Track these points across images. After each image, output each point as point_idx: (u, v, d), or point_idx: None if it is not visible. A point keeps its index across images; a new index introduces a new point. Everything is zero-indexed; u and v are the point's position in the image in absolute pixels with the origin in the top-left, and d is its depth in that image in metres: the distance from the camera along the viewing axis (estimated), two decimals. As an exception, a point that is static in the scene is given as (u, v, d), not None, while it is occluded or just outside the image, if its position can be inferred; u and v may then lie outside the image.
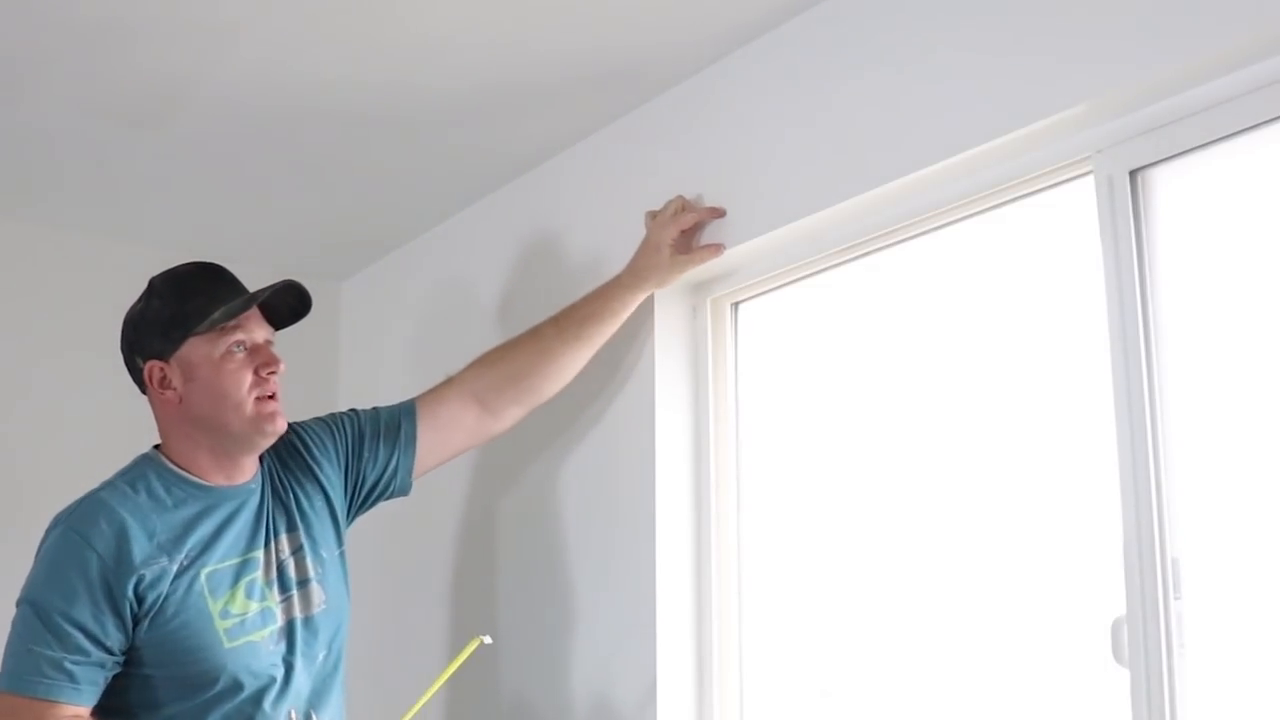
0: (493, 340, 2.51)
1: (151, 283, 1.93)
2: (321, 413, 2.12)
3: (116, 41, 2.06)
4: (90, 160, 2.53)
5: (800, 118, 1.98)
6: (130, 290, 2.03)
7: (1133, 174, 1.62)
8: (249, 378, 1.86)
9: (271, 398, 1.88)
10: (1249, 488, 1.51)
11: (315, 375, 3.04)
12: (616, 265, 2.30)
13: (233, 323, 1.85)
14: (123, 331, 1.92)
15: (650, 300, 2.21)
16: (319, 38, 2.06)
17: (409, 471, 2.08)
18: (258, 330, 1.89)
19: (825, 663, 2.03)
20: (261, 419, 1.87)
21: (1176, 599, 1.53)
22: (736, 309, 2.25)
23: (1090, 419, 1.65)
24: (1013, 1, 1.68)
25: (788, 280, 2.14)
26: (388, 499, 2.10)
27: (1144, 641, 1.53)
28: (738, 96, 2.10)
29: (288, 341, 2.12)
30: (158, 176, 2.62)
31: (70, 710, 1.74)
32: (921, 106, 1.78)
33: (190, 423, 1.87)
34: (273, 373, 1.88)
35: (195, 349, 1.85)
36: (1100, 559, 1.62)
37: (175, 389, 1.86)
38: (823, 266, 2.08)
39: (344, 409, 2.15)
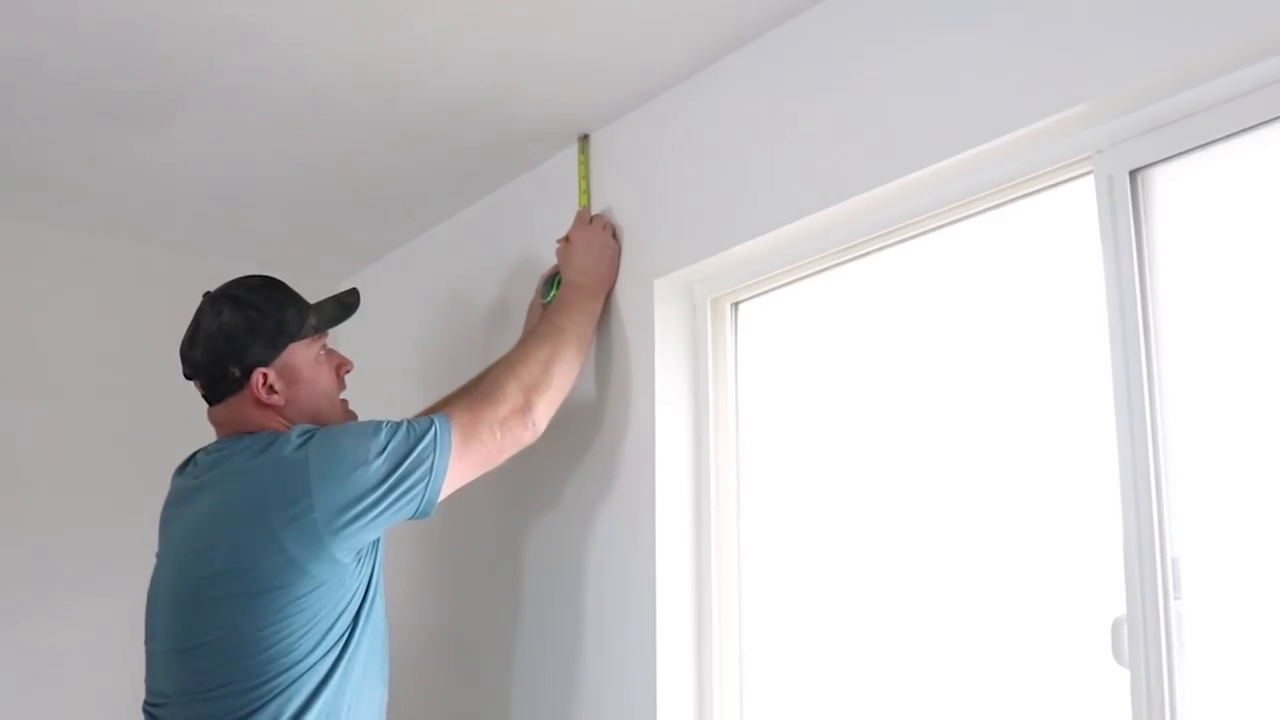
0: (492, 340, 2.52)
1: (230, 297, 2.01)
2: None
3: (116, 41, 2.06)
4: (90, 160, 2.53)
5: (800, 118, 1.98)
6: (132, 290, 2.03)
7: (1133, 174, 1.62)
8: (334, 377, 2.06)
9: (343, 400, 2.10)
10: (1249, 488, 1.51)
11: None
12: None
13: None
14: (209, 344, 1.98)
15: (650, 300, 2.21)
16: (319, 38, 2.06)
17: None
18: (328, 335, 2.09)
19: (825, 662, 2.02)
20: (347, 416, 2.08)
21: (1176, 599, 1.53)
22: (736, 309, 2.25)
23: (1090, 419, 1.65)
24: (1013, 2, 1.68)
25: (788, 280, 2.14)
26: None
27: (1144, 641, 1.53)
28: (738, 97, 2.10)
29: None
30: (158, 176, 2.62)
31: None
32: (921, 106, 1.78)
33: (290, 423, 1.98)
34: (349, 371, 2.11)
35: (295, 354, 2.00)
36: (1100, 559, 1.62)
37: (279, 392, 1.98)
38: (823, 266, 2.08)
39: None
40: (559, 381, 2.09)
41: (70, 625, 2.75)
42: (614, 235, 2.29)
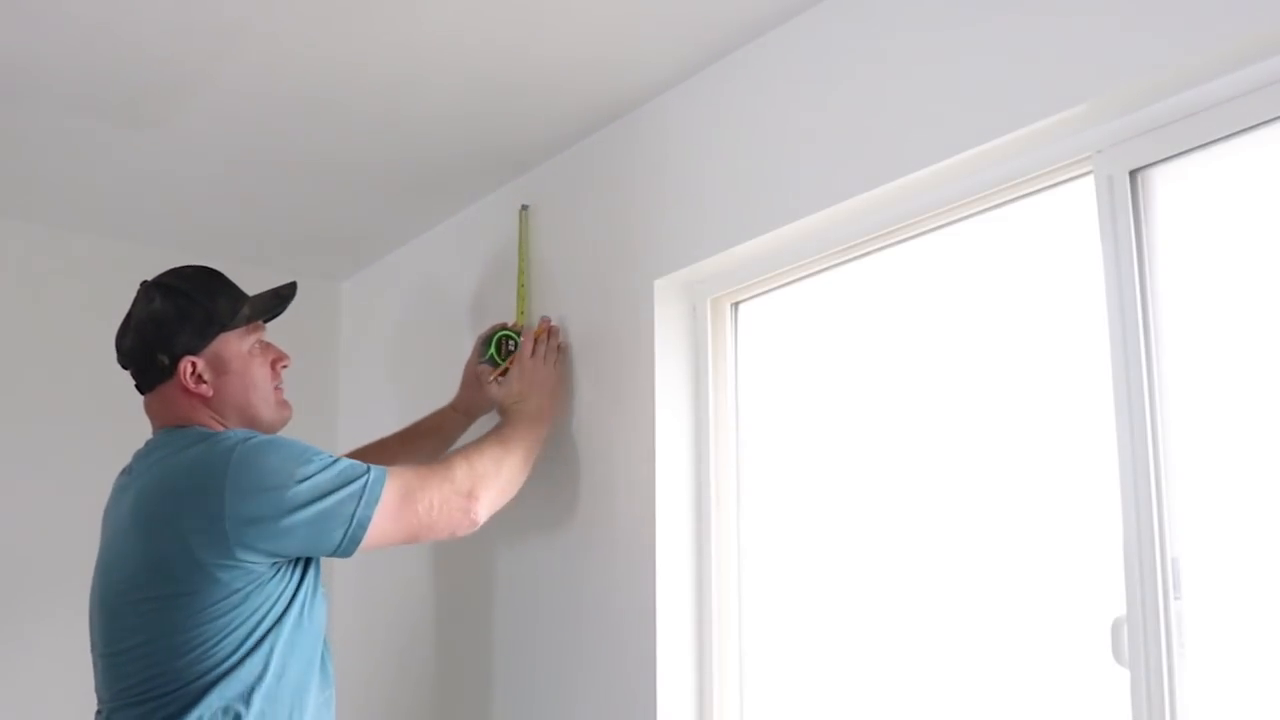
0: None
1: (162, 285, 2.00)
2: (321, 412, 2.14)
3: (116, 41, 2.06)
4: (89, 160, 2.53)
5: (800, 118, 1.98)
6: (130, 290, 2.03)
7: (1133, 174, 1.62)
8: (268, 371, 2.02)
9: (278, 388, 2.05)
10: (1249, 488, 1.51)
11: (315, 375, 3.04)
12: (616, 263, 2.31)
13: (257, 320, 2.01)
14: (136, 331, 1.98)
15: (650, 300, 2.21)
16: (319, 38, 2.06)
17: None
18: (264, 327, 2.05)
19: (825, 662, 2.02)
20: (281, 409, 2.04)
21: (1176, 599, 1.53)
22: (736, 309, 2.25)
23: (1090, 419, 1.65)
24: (1013, 2, 1.68)
25: (788, 280, 2.14)
26: None
27: (1144, 641, 1.53)
28: (738, 97, 2.10)
29: (288, 341, 2.13)
30: (158, 176, 2.62)
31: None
32: (922, 106, 1.78)
33: (220, 414, 1.97)
34: (285, 366, 2.06)
35: (227, 345, 1.97)
36: (1100, 559, 1.62)
37: (207, 382, 1.95)
38: (823, 266, 2.08)
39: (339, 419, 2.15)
40: (505, 482, 2.08)
41: (49, 630, 2.73)
42: (556, 363, 2.33)
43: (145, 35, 2.05)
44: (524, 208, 2.52)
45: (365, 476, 1.87)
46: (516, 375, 2.30)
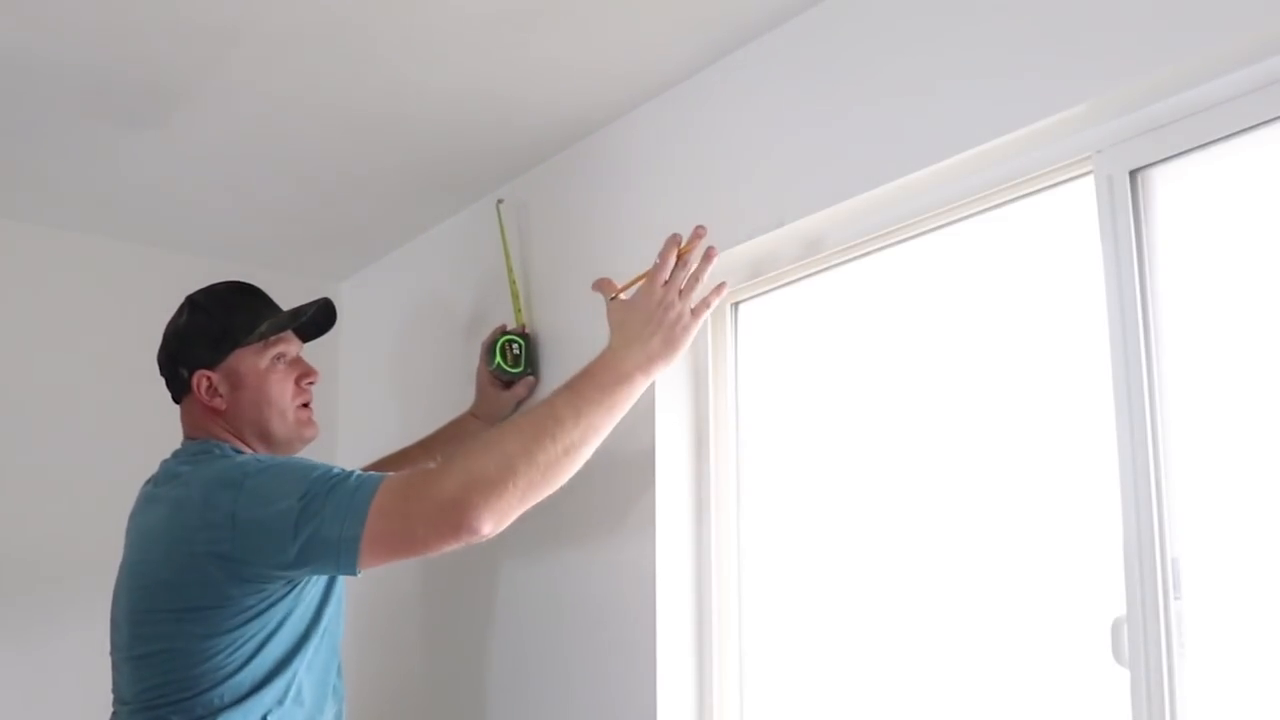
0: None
1: (192, 299, 2.06)
2: (320, 412, 2.13)
3: (116, 41, 2.06)
4: (90, 160, 2.53)
5: (800, 118, 1.98)
6: (131, 290, 2.05)
7: (1133, 174, 1.62)
8: (290, 387, 2.03)
9: (306, 406, 2.05)
10: (1249, 488, 1.51)
11: (315, 375, 3.04)
12: (617, 262, 2.31)
13: (275, 336, 2.01)
14: (164, 344, 2.04)
15: (650, 300, 2.21)
16: (319, 38, 2.06)
17: None
18: (294, 343, 2.06)
19: (825, 663, 2.02)
20: (301, 425, 2.04)
21: (1176, 599, 1.53)
22: (736, 309, 2.25)
23: (1090, 419, 1.65)
24: (1013, 2, 1.68)
25: (788, 280, 2.14)
26: None
27: (1144, 641, 1.53)
28: (738, 97, 2.10)
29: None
30: (158, 176, 2.62)
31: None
32: (922, 106, 1.78)
33: (235, 429, 1.99)
34: (312, 383, 2.06)
35: (242, 360, 1.99)
36: (1100, 559, 1.62)
37: (222, 396, 1.98)
38: (823, 266, 2.08)
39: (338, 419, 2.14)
40: (526, 482, 1.69)
41: (69, 634, 2.73)
42: (692, 304, 1.85)
43: (145, 37, 2.05)
44: (500, 202, 2.51)
45: (356, 494, 1.72)
46: (644, 294, 1.84)
